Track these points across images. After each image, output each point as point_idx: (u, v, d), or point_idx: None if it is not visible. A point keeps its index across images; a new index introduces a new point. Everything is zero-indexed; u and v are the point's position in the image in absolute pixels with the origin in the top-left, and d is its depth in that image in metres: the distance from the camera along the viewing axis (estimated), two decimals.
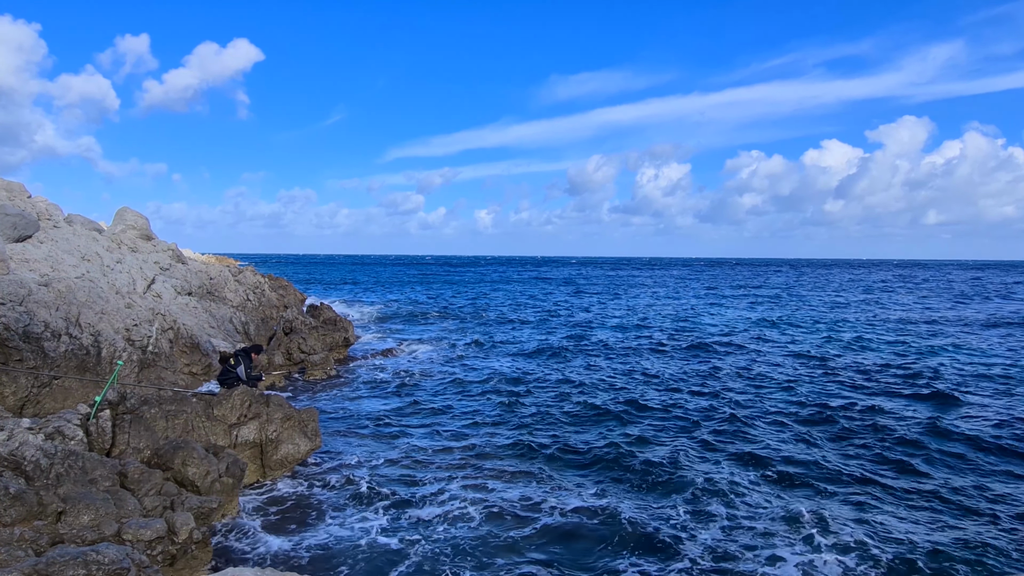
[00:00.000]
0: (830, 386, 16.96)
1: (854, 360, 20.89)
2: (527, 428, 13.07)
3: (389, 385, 17.04)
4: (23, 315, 11.19)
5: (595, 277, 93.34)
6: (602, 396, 15.84)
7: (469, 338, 26.40)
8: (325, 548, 7.77)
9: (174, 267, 19.80)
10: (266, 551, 7.67)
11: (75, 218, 19.21)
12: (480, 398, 15.75)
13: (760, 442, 11.97)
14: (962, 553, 7.66)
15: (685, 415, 14.04)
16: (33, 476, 6.69)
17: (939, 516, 8.83)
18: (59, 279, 13.00)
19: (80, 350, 11.97)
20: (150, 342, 14.03)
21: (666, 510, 8.97)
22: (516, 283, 73.75)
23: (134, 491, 7.34)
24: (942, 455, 11.28)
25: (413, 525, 8.41)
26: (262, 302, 24.32)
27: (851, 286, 67.84)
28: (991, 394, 15.82)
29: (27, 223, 15.22)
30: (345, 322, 23.17)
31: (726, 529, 8.34)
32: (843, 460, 11.07)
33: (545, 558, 7.62)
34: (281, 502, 9.09)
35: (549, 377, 18.40)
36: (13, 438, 7.01)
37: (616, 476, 10.37)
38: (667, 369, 19.64)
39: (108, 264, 16.21)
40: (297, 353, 19.29)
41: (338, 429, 12.68)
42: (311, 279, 76.42)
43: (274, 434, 10.36)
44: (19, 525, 6.11)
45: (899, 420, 13.43)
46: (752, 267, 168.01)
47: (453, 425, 13.32)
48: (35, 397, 10.50)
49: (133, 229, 20.52)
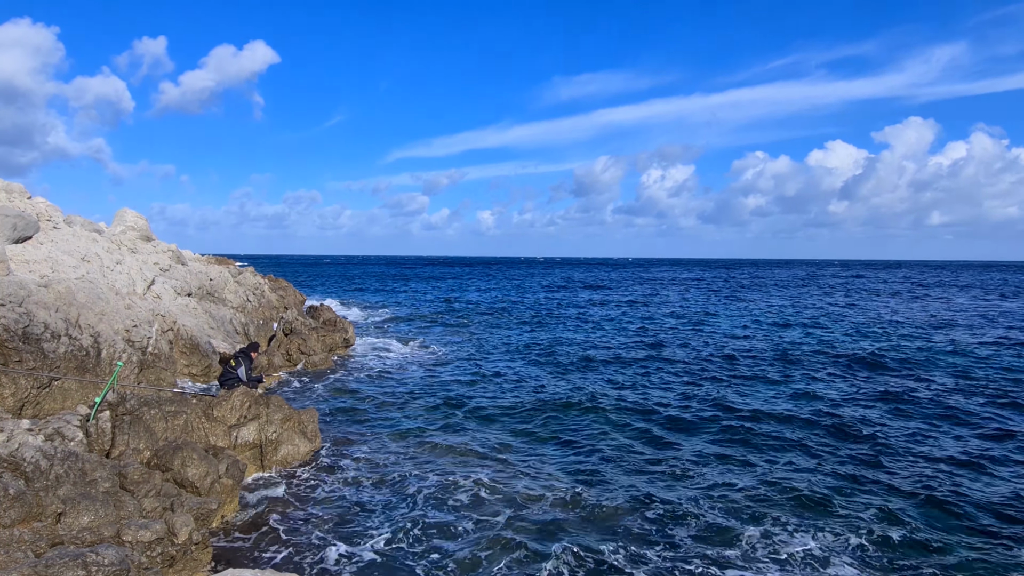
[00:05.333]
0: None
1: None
2: (526, 428, 13.07)
3: (389, 385, 17.04)
4: (23, 316, 11.18)
5: (605, 279, 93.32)
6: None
7: (469, 339, 26.39)
8: (325, 549, 7.77)
9: (174, 268, 19.80)
10: (265, 552, 7.66)
11: (75, 219, 19.21)
12: (480, 399, 15.75)
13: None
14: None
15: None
16: (33, 477, 6.69)
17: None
18: (59, 280, 13.00)
19: (80, 351, 11.97)
20: (150, 343, 14.03)
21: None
22: (517, 281, 73.77)
23: (133, 492, 7.34)
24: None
25: (413, 526, 8.40)
26: (262, 303, 24.32)
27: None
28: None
29: (27, 224, 15.22)
30: (345, 323, 23.18)
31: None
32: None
33: (548, 560, 7.62)
34: (281, 503, 9.08)
35: (549, 376, 18.40)
36: (13, 439, 7.01)
37: (630, 480, 10.38)
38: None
39: (108, 265, 16.22)
40: (297, 354, 19.29)
41: (338, 430, 12.68)
42: (312, 280, 76.43)
43: (274, 435, 10.37)
44: (19, 526, 6.11)
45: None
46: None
47: (454, 425, 13.32)
48: (35, 398, 10.50)
49: (133, 230, 20.52)
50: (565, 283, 76.17)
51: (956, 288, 64.79)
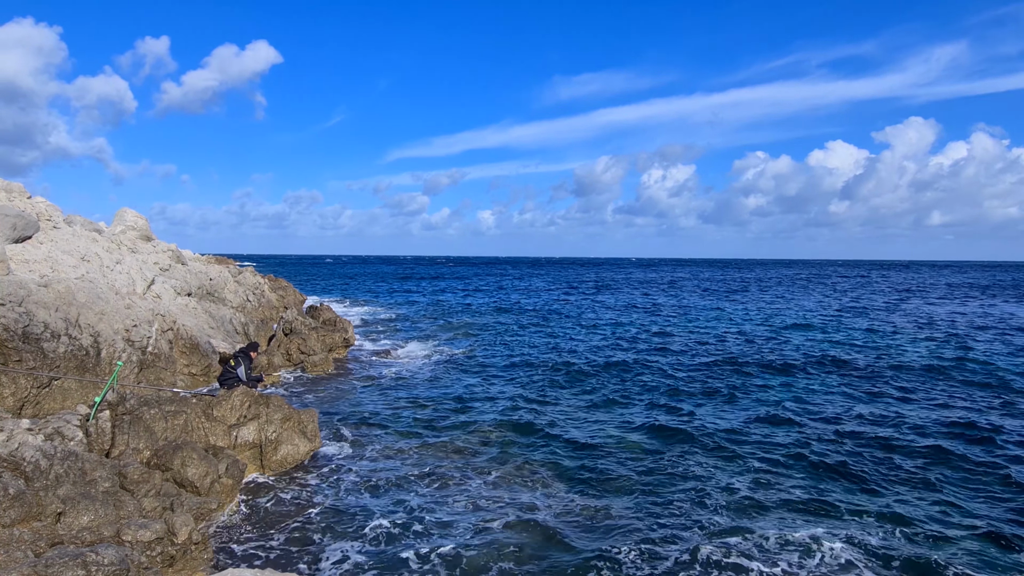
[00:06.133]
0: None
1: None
2: (527, 430, 13.07)
3: (389, 386, 17.04)
4: (23, 316, 11.19)
5: (611, 280, 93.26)
6: (616, 385, 15.83)
7: (470, 339, 26.39)
8: (325, 549, 7.77)
9: (174, 268, 19.80)
10: (265, 552, 7.66)
11: (75, 219, 19.21)
12: (481, 399, 15.74)
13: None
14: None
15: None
16: (32, 477, 6.69)
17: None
18: (59, 280, 13.00)
19: (80, 351, 11.97)
20: (150, 343, 14.03)
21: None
22: (518, 282, 73.76)
23: (133, 492, 7.35)
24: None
25: (412, 526, 8.40)
26: (262, 303, 24.33)
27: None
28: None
29: (27, 224, 15.22)
30: (345, 323, 23.17)
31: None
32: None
33: (547, 561, 7.62)
34: (280, 503, 9.08)
35: (551, 378, 18.40)
36: (12, 439, 7.01)
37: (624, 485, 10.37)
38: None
39: (108, 265, 16.22)
40: (297, 354, 19.29)
41: (338, 430, 12.67)
42: (313, 280, 76.43)
43: (273, 435, 10.37)
44: (18, 526, 6.11)
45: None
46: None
47: (454, 426, 13.31)
48: (34, 398, 10.50)
49: (133, 230, 20.53)
50: (566, 283, 76.17)
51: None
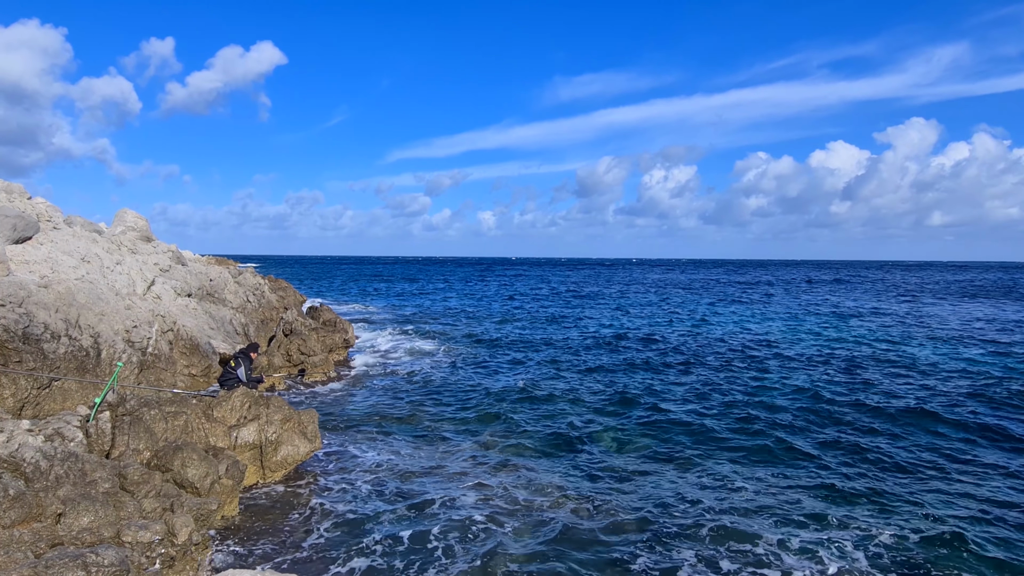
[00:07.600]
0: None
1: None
2: (530, 431, 13.05)
3: (389, 386, 17.03)
4: (23, 316, 11.18)
5: (612, 280, 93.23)
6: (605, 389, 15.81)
7: (471, 339, 26.37)
8: (325, 550, 7.76)
9: (174, 269, 19.79)
10: (266, 553, 7.65)
11: (75, 219, 19.19)
12: (482, 400, 15.73)
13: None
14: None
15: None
16: (32, 478, 6.68)
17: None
18: (59, 281, 12.99)
19: (80, 352, 11.96)
20: (150, 343, 14.02)
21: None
22: (518, 282, 73.74)
23: (133, 493, 7.34)
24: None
25: (413, 527, 8.39)
26: (262, 304, 24.31)
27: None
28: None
29: (27, 224, 15.21)
30: (345, 323, 23.14)
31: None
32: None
33: (554, 559, 7.61)
34: (281, 504, 9.07)
35: (557, 381, 18.39)
36: (12, 440, 7.00)
37: (595, 487, 10.35)
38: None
39: (108, 266, 16.20)
40: (297, 355, 19.27)
41: (338, 430, 12.67)
42: (313, 280, 76.41)
43: (274, 436, 10.35)
44: (18, 527, 6.10)
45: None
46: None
47: (454, 427, 13.30)
48: (34, 399, 10.49)
49: (133, 230, 20.51)
50: (566, 284, 76.14)
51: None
